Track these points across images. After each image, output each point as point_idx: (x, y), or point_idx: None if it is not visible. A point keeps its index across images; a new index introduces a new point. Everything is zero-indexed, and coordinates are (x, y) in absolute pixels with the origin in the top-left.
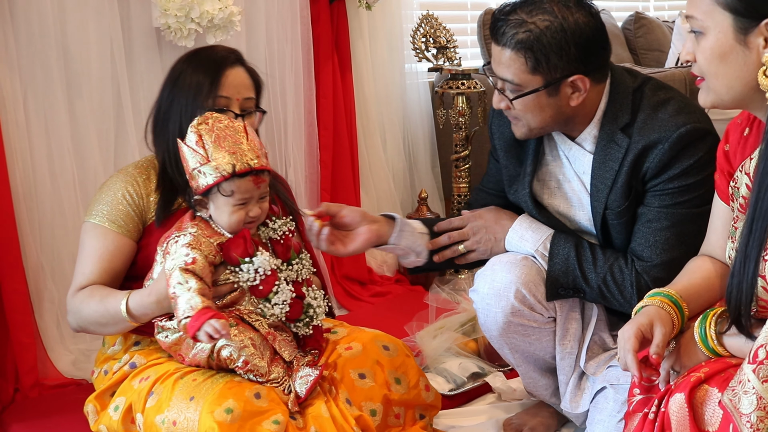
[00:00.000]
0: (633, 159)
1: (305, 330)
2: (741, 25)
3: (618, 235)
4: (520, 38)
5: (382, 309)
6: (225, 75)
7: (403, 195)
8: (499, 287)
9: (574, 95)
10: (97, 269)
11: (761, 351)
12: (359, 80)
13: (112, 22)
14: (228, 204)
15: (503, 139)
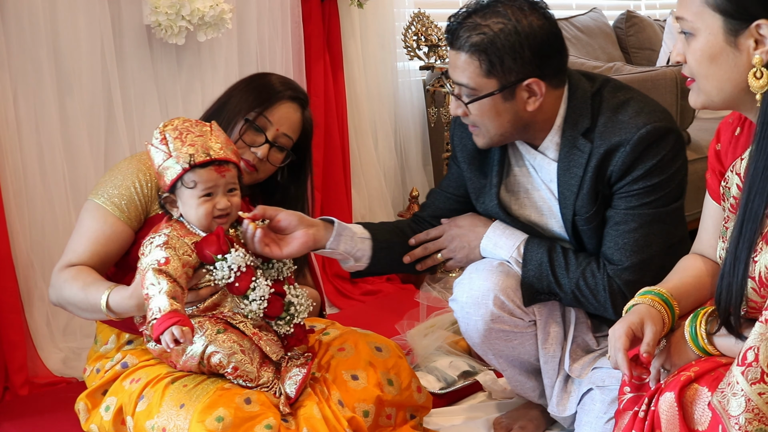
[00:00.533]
0: (596, 163)
1: (287, 328)
2: (731, 26)
3: (590, 240)
4: (474, 41)
5: (373, 307)
6: (282, 103)
7: (394, 193)
8: (477, 295)
9: (531, 99)
10: (89, 250)
11: (750, 353)
12: (351, 78)
13: (103, 20)
14: (193, 197)
15: (465, 151)
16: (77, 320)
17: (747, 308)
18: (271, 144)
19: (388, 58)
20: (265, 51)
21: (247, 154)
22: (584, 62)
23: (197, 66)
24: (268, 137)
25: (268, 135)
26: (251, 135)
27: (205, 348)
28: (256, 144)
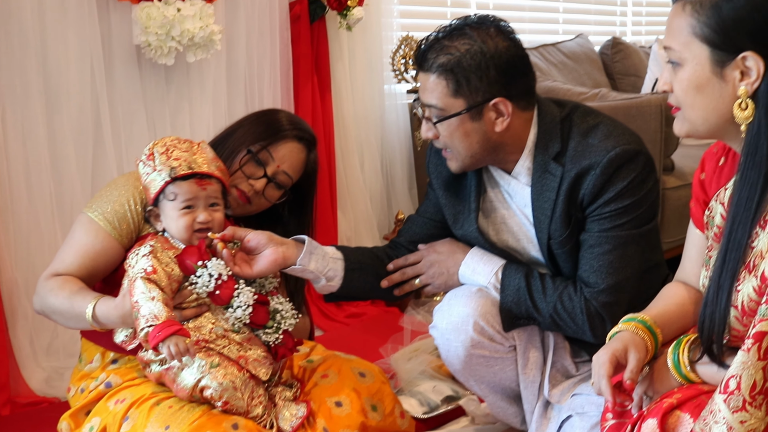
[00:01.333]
0: (568, 187)
1: (275, 336)
2: (718, 58)
3: (565, 264)
4: (441, 62)
5: (357, 330)
6: (287, 141)
7: (380, 215)
8: (457, 321)
9: (498, 120)
10: (77, 263)
11: (732, 381)
12: (338, 100)
13: (93, 38)
14: (174, 209)
15: (440, 178)
16: (61, 339)
17: (730, 336)
18: (269, 179)
19: (376, 80)
20: (254, 72)
21: (244, 184)
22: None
23: (186, 86)
24: (267, 172)
25: (267, 170)
26: (251, 167)
27: (198, 382)
28: (255, 177)
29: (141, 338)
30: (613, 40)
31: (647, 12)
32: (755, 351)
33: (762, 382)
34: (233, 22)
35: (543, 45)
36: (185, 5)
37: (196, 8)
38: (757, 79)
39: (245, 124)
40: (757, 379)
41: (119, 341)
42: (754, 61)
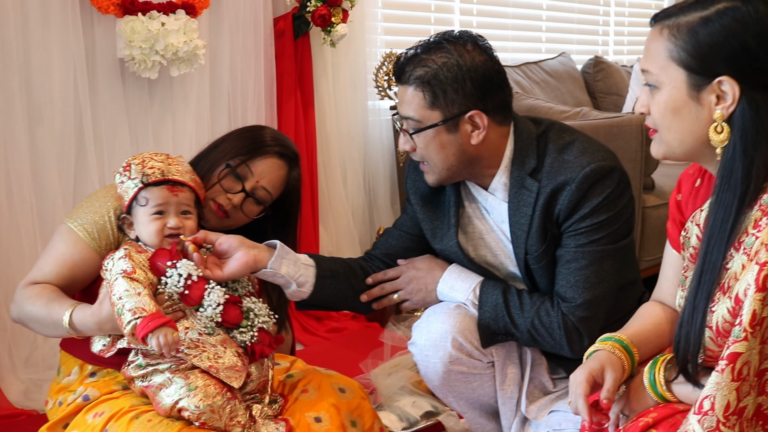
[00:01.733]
0: (544, 203)
1: (251, 335)
2: (694, 81)
3: (542, 279)
4: (419, 74)
5: (338, 345)
6: (268, 157)
7: (362, 231)
8: (436, 337)
9: (474, 133)
10: (55, 272)
11: (706, 402)
12: (321, 116)
13: (77, 51)
14: (145, 214)
15: (418, 194)
16: (40, 351)
17: (704, 357)
18: (247, 194)
19: (359, 97)
20: (238, 87)
21: (222, 198)
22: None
23: (169, 100)
24: (245, 187)
25: (246, 185)
26: (230, 181)
27: (175, 403)
28: (233, 191)
29: (127, 332)
30: (595, 59)
31: (629, 32)
32: (729, 372)
33: (735, 402)
34: (217, 37)
35: (526, 63)
36: (169, 20)
37: (181, 23)
38: (732, 103)
39: (229, 138)
40: (730, 400)
41: (96, 350)
42: (729, 85)
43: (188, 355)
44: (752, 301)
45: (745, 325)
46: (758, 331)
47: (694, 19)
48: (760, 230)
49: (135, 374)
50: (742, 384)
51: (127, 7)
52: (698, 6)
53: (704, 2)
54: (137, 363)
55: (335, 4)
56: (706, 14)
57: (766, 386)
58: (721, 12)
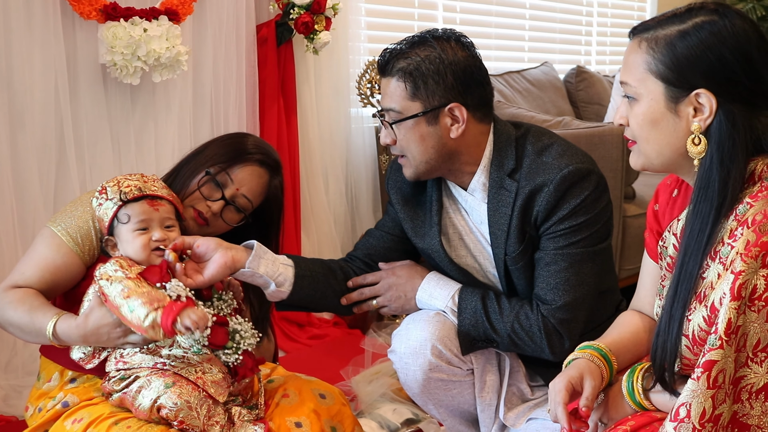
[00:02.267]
0: (522, 203)
1: (235, 357)
2: (672, 94)
3: (519, 281)
4: (401, 66)
5: (319, 352)
6: (248, 165)
7: (344, 238)
8: (415, 345)
9: (454, 126)
10: (37, 276)
11: (682, 409)
12: (304, 123)
13: (58, 57)
14: (128, 231)
15: (400, 194)
16: (20, 357)
17: (681, 365)
18: (227, 202)
19: (342, 104)
20: (220, 94)
21: (201, 205)
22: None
23: (151, 106)
24: (225, 194)
25: (226, 192)
26: (210, 188)
27: (154, 402)
28: (213, 198)
29: (147, 326)
30: (577, 68)
31: (611, 42)
32: (704, 380)
33: (711, 410)
34: (200, 43)
35: (508, 72)
36: (152, 26)
37: (163, 29)
38: (709, 115)
39: (211, 145)
40: (706, 407)
41: (76, 358)
42: (706, 98)
43: (174, 367)
44: (727, 309)
45: (721, 334)
46: (733, 339)
47: (672, 32)
48: (736, 240)
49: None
50: (717, 391)
51: (109, 12)
52: (676, 19)
53: (682, 16)
54: (119, 376)
55: (318, 11)
56: (683, 28)
57: (741, 394)
58: (698, 26)
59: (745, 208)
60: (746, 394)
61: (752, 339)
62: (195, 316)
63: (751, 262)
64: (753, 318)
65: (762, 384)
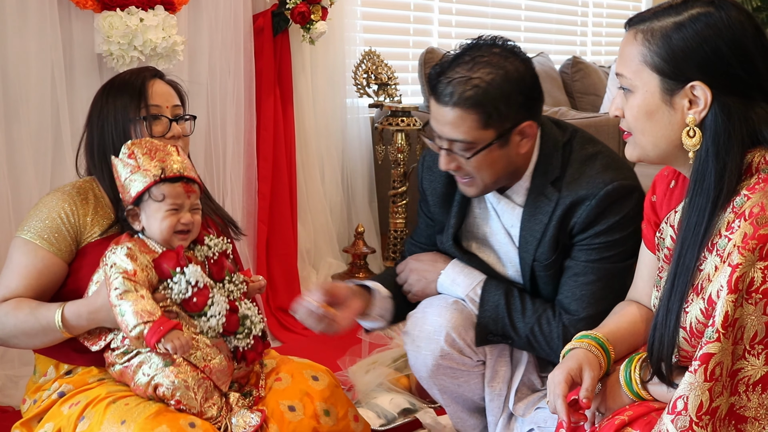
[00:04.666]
0: (561, 213)
1: (246, 341)
2: (667, 86)
3: (545, 286)
4: (469, 95)
5: (315, 342)
6: (149, 86)
7: (340, 228)
8: (430, 330)
9: (523, 142)
10: (23, 285)
11: (680, 402)
12: (300, 113)
13: (54, 47)
14: (160, 209)
15: (435, 194)
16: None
17: (679, 357)
18: (175, 120)
19: (338, 94)
20: (216, 84)
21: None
22: None
23: None
24: (169, 117)
25: (167, 115)
26: (153, 127)
27: (150, 380)
28: (164, 131)
29: (133, 336)
30: (573, 59)
31: (607, 32)
32: (702, 372)
33: (708, 402)
34: (196, 33)
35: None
36: (148, 15)
37: (159, 18)
38: (704, 108)
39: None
40: (703, 400)
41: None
42: (701, 90)
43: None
44: (724, 302)
45: (718, 326)
46: (730, 332)
47: (668, 24)
48: (733, 232)
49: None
50: (714, 384)
51: (106, 2)
52: (672, 11)
53: (678, 8)
54: (123, 350)
55: (314, 1)
56: (679, 20)
57: (738, 386)
58: (694, 17)
59: (743, 200)
60: (743, 386)
61: (749, 331)
62: (179, 341)
63: (748, 254)
64: (750, 311)
65: (759, 376)
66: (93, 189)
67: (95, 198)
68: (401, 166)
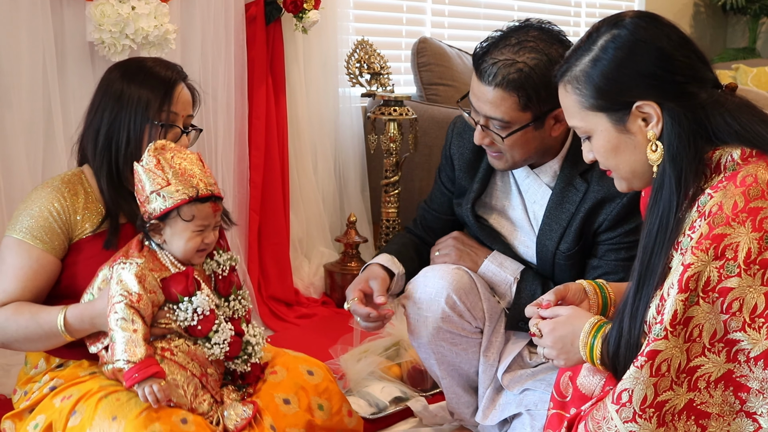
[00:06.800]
0: (589, 207)
1: (243, 367)
2: (616, 118)
3: (561, 273)
4: (513, 78)
5: (308, 331)
6: (176, 90)
7: (332, 218)
8: (432, 292)
9: (556, 126)
10: (19, 287)
11: (624, 394)
12: (293, 103)
13: (45, 35)
14: (187, 230)
15: (463, 160)
16: None
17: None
18: (186, 132)
19: (330, 83)
20: (208, 72)
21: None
22: None
23: None
24: (181, 127)
25: (179, 125)
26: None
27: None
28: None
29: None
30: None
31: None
32: (648, 368)
33: (653, 396)
34: (188, 21)
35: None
36: (140, 3)
37: (151, 7)
38: (658, 120)
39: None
40: (648, 394)
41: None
42: (648, 106)
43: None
44: (674, 301)
45: (666, 324)
46: (679, 330)
47: (585, 64)
48: (695, 231)
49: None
50: (660, 380)
51: None
52: (584, 50)
53: (587, 44)
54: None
55: None
56: (593, 56)
57: (698, 382)
58: (604, 47)
59: (706, 200)
60: (703, 383)
61: (708, 330)
62: (156, 392)
63: (701, 254)
64: (707, 309)
65: (721, 373)
66: (82, 182)
67: (84, 192)
68: (393, 155)
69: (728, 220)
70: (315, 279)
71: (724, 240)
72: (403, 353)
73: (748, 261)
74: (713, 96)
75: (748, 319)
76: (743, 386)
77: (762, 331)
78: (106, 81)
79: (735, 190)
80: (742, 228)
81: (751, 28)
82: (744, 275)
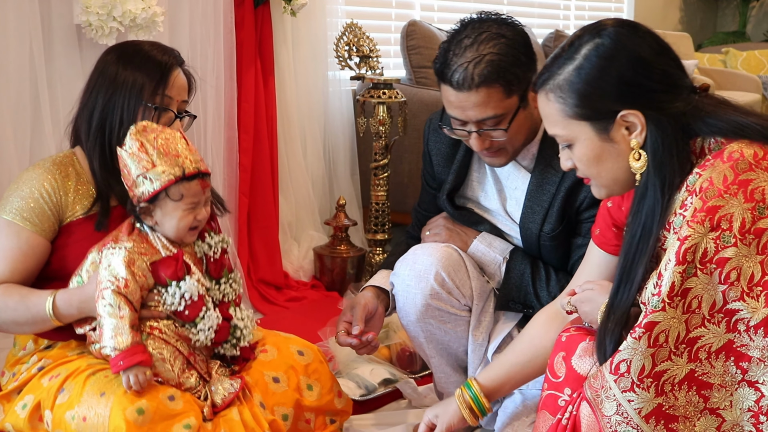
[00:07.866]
0: (569, 186)
1: (232, 351)
2: (599, 126)
3: (549, 255)
4: (488, 71)
5: (297, 314)
6: (172, 75)
7: (321, 201)
8: (420, 269)
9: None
10: (9, 269)
11: (623, 365)
12: (281, 86)
13: (32, 18)
14: (178, 209)
15: (440, 154)
16: None
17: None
18: (179, 116)
19: (320, 66)
20: (197, 55)
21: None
22: None
23: None
24: (175, 112)
25: (173, 109)
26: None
27: None
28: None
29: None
30: (555, 32)
31: (590, 6)
32: (645, 339)
33: (651, 366)
34: (176, 4)
35: None
36: None
37: None
38: (642, 129)
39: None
40: (645, 364)
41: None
42: (632, 116)
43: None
44: (672, 273)
45: (663, 296)
46: (677, 302)
47: (569, 73)
48: (686, 209)
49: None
50: (658, 350)
51: None
52: (566, 59)
53: (570, 52)
54: None
55: None
56: (576, 64)
57: (699, 353)
58: (587, 56)
59: (695, 179)
60: (704, 353)
61: (707, 301)
62: (140, 380)
63: (697, 226)
64: (705, 280)
65: (722, 344)
66: (73, 164)
67: (76, 174)
68: (383, 138)
69: (720, 193)
70: (304, 262)
71: (719, 212)
72: (392, 335)
73: (743, 231)
74: (691, 102)
75: (747, 288)
76: (744, 355)
77: (760, 299)
78: (102, 63)
79: (723, 166)
80: (735, 199)
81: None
82: (740, 245)
